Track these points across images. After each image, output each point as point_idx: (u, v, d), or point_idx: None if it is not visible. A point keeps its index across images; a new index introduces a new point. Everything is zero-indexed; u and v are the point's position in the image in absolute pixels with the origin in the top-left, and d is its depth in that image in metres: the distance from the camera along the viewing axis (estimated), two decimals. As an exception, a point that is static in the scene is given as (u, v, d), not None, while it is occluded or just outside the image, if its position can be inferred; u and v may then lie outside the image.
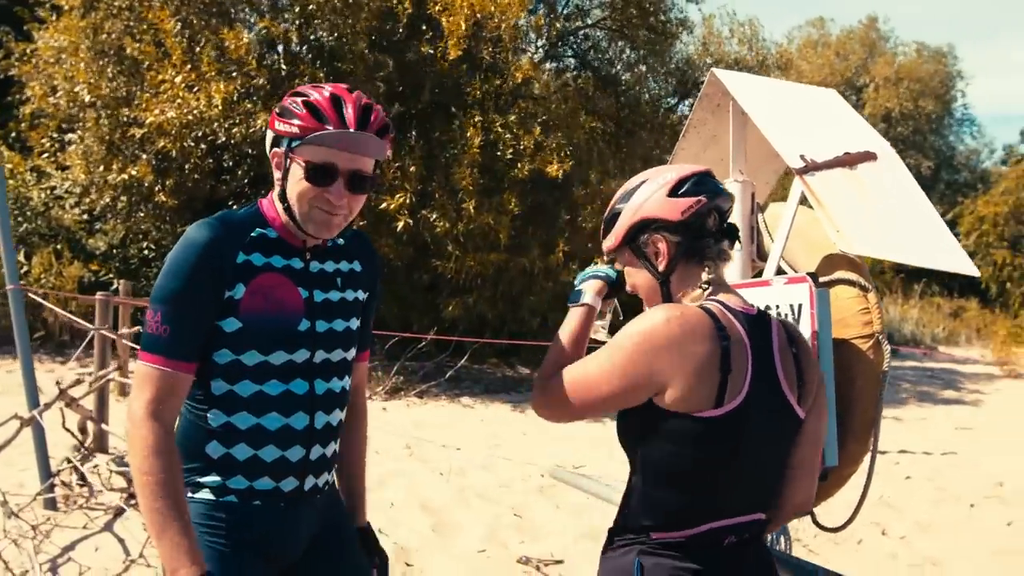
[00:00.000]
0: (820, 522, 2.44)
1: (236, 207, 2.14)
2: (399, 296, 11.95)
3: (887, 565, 5.33)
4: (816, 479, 1.96)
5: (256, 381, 1.90)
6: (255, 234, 1.94)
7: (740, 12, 42.41)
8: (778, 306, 2.18)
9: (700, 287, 1.83)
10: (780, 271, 2.35)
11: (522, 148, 10.70)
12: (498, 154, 10.92)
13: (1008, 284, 26.19)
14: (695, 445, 1.72)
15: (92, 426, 6.39)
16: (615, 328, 2.02)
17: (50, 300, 9.31)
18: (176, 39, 10.67)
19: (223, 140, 10.81)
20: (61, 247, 13.35)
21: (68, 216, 13.77)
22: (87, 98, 11.27)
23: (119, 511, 5.15)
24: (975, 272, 2.06)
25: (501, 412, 10.67)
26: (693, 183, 1.84)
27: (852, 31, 35.27)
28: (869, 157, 2.28)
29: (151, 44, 10.93)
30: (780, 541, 2.64)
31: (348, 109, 1.86)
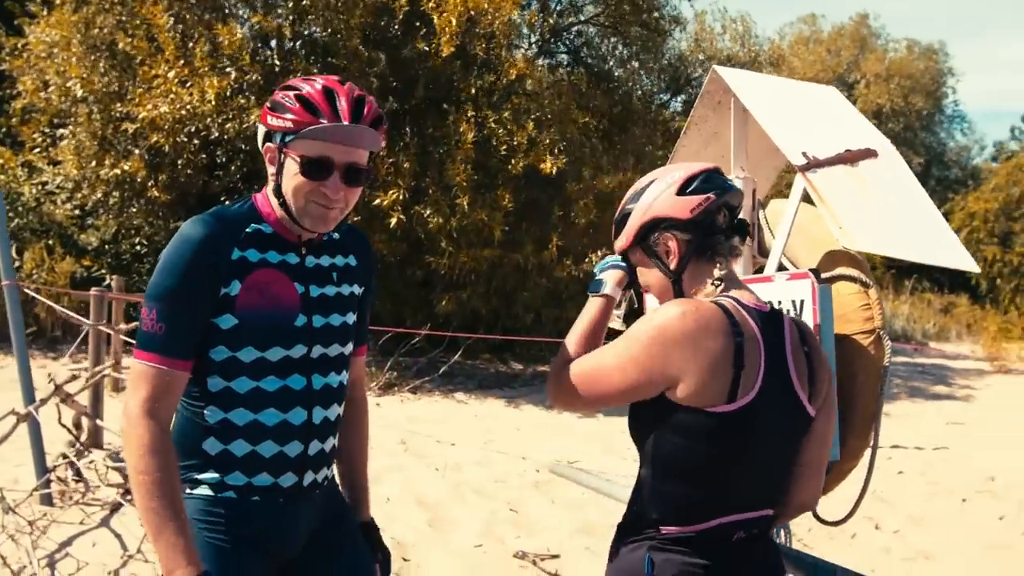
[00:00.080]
0: (820, 516, 2.46)
1: (229, 203, 2.13)
2: (392, 292, 11.94)
3: (881, 559, 5.37)
4: (823, 478, 1.98)
5: (253, 377, 1.89)
6: (250, 230, 1.92)
7: (732, 8, 42.54)
8: (780, 302, 2.20)
9: (712, 284, 1.84)
10: (781, 267, 2.36)
11: (516, 144, 10.70)
12: (492, 150, 10.91)
13: (998, 280, 26.33)
14: (707, 440, 1.73)
15: (87, 422, 6.38)
16: (630, 317, 2.03)
17: (42, 295, 9.27)
18: (169, 34, 10.62)
19: (216, 135, 10.78)
20: (53, 242, 13.28)
21: (60, 211, 13.70)
22: (79, 93, 11.21)
23: (116, 506, 5.15)
24: (975, 268, 2.08)
25: (495, 408, 10.68)
26: (701, 181, 1.85)
27: (843, 28, 35.37)
28: (870, 154, 2.30)
29: (143, 39, 10.87)
30: (780, 535, 2.65)
31: (341, 101, 1.85)
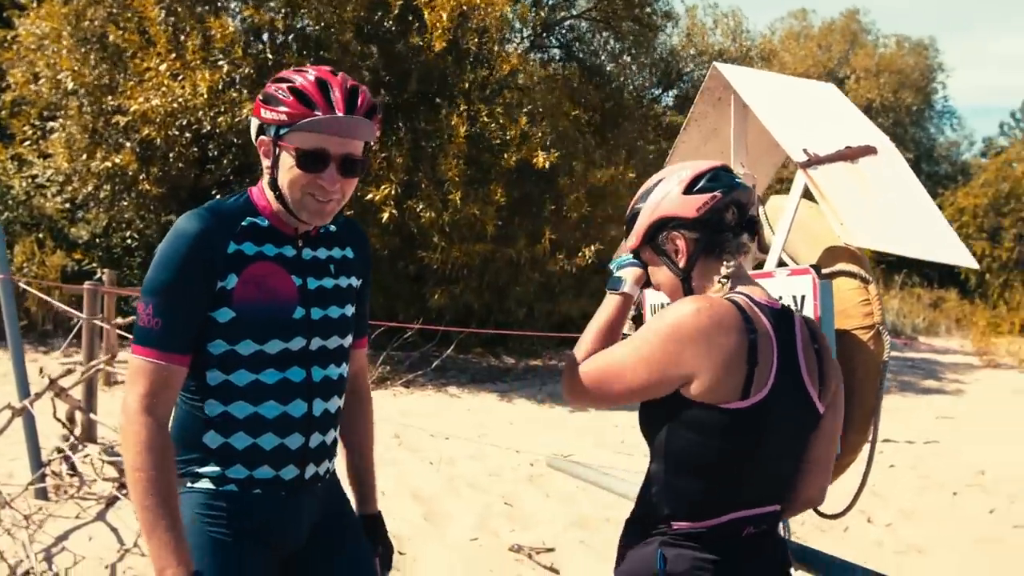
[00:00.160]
0: (819, 509, 2.47)
1: (221, 196, 2.13)
2: (385, 286, 11.93)
3: (873, 552, 5.40)
4: (830, 475, 1.99)
5: (252, 370, 1.88)
6: (246, 223, 1.92)
7: (723, 3, 42.51)
8: (780, 297, 2.21)
9: (720, 281, 1.85)
10: (781, 263, 2.38)
11: (508, 139, 10.70)
12: (484, 144, 10.91)
13: (987, 275, 26.49)
14: (721, 436, 1.75)
15: (80, 416, 6.38)
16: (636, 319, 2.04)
17: (33, 289, 9.23)
18: (160, 27, 10.58)
19: (208, 129, 10.74)
20: (43, 236, 13.24)
21: (50, 205, 13.64)
22: (70, 85, 11.16)
23: (112, 500, 5.15)
24: (974, 264, 2.09)
25: (488, 401, 10.71)
26: (708, 179, 1.86)
27: (833, 23, 35.43)
28: (869, 151, 2.32)
29: (135, 32, 10.83)
30: (779, 528, 2.67)
31: (335, 92, 1.84)
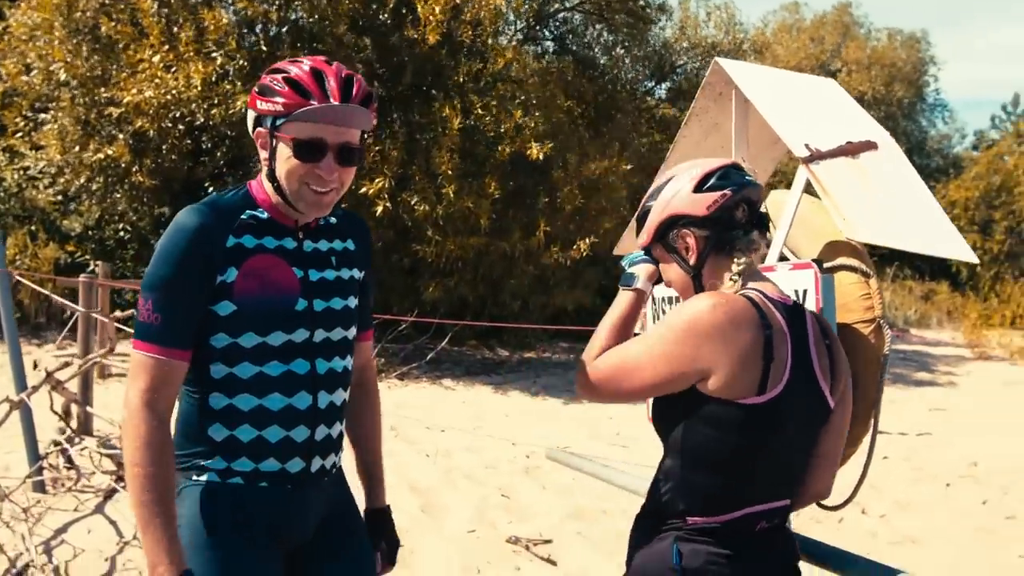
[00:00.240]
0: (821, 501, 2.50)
1: (214, 189, 2.13)
2: (379, 279, 11.91)
3: (868, 543, 5.44)
4: (837, 469, 2.01)
5: (256, 362, 1.88)
6: (245, 216, 1.92)
7: (716, -5, 42.39)
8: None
9: (732, 278, 1.86)
10: (782, 257, 2.40)
11: (503, 131, 10.69)
12: (478, 137, 10.90)
13: (978, 268, 26.57)
14: (738, 431, 1.76)
15: (76, 409, 6.37)
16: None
17: (27, 281, 9.21)
18: (153, 18, 10.55)
19: (201, 121, 10.72)
20: (36, 228, 13.19)
21: (42, 197, 13.60)
22: (63, 77, 11.11)
23: (110, 493, 5.16)
24: (974, 259, 2.12)
25: (482, 394, 10.74)
26: (718, 177, 1.86)
27: (826, 16, 35.42)
28: (870, 146, 2.34)
29: (128, 23, 10.79)
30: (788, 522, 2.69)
31: (330, 81, 1.83)
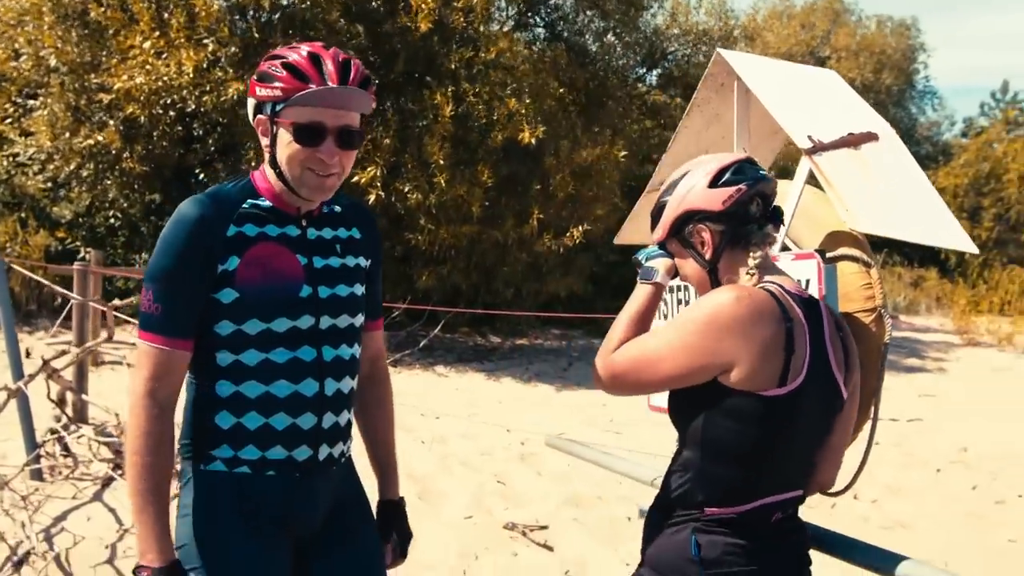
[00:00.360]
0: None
1: (204, 176, 2.14)
2: (373, 267, 11.91)
3: (859, 527, 5.50)
4: (842, 459, 2.04)
5: (261, 349, 1.89)
6: (247, 206, 1.93)
7: (706, -19, 42.28)
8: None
9: (748, 272, 1.88)
10: (784, 247, 2.43)
11: (495, 118, 10.67)
12: (471, 124, 10.88)
13: (967, 254, 26.68)
14: (758, 423, 1.78)
15: (72, 396, 6.37)
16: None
17: (20, 268, 9.18)
18: (144, 4, 10.47)
19: (193, 108, 10.67)
20: (26, 215, 13.12)
21: (32, 183, 13.52)
22: (53, 63, 11.03)
23: (107, 480, 5.17)
24: (974, 249, 2.14)
25: (475, 380, 10.78)
26: (733, 172, 1.89)
27: (816, 3, 35.36)
28: (871, 137, 2.37)
29: (118, 9, 10.71)
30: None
31: (328, 65, 1.85)
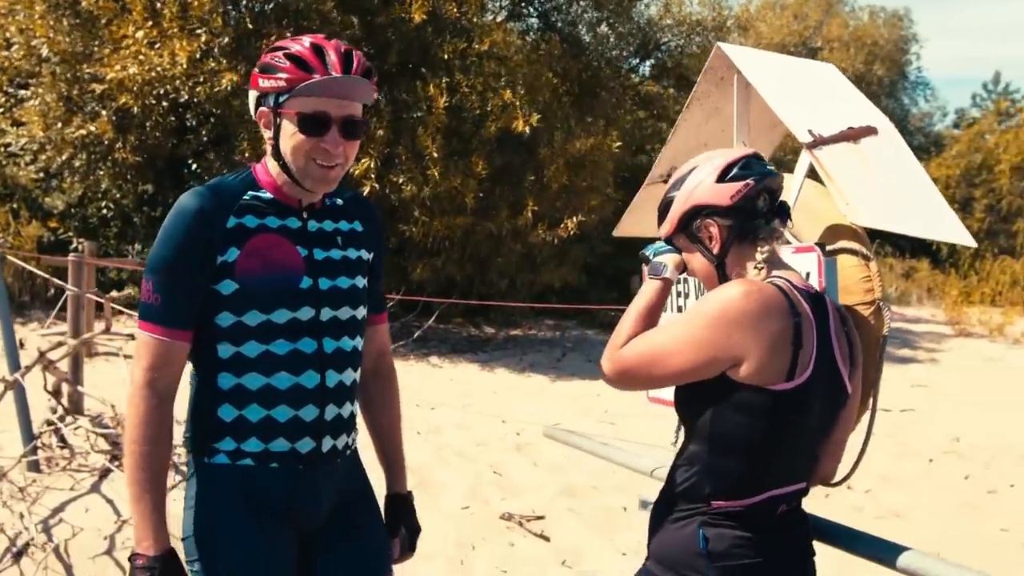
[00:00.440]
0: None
1: (197, 166, 2.15)
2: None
3: (853, 517, 5.53)
4: (843, 452, 2.07)
5: (262, 341, 1.89)
6: (247, 197, 1.93)
7: (699, -28, 42.23)
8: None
9: (757, 267, 1.90)
10: (785, 241, 2.44)
11: (488, 108, 10.66)
12: (464, 115, 10.87)
13: (958, 245, 26.68)
14: (767, 417, 1.80)
15: (67, 388, 6.37)
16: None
17: (14, 258, 9.16)
18: (136, -7, 10.42)
19: (186, 99, 10.64)
20: (18, 206, 13.07)
21: (24, 174, 13.46)
22: (44, 52, 10.97)
23: (105, 472, 5.17)
24: (972, 243, 2.16)
25: (469, 371, 10.80)
26: (740, 167, 1.90)
27: (809, -7, 35.33)
28: (871, 132, 2.38)
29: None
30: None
31: (330, 55, 1.86)
